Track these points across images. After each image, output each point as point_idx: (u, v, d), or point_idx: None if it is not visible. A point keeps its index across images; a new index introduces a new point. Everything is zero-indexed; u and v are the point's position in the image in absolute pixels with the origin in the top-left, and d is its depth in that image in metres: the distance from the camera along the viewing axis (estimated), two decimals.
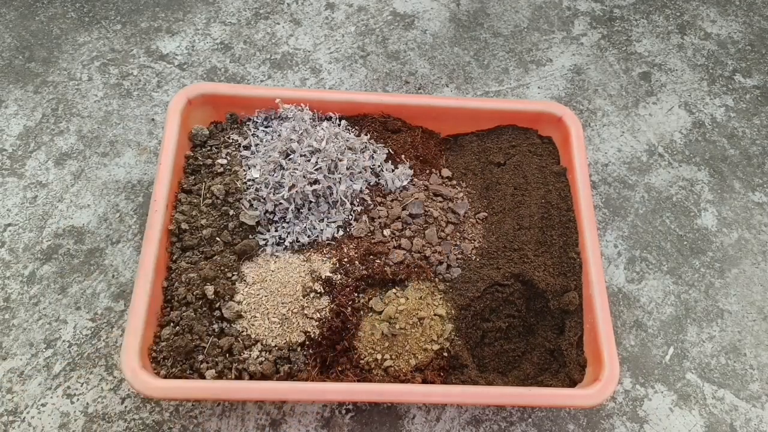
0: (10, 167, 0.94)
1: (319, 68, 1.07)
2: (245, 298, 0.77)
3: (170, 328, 0.74)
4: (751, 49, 1.16)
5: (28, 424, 0.76)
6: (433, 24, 1.15)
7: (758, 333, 0.90)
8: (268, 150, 0.84)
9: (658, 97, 1.10)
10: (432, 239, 0.82)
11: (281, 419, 0.79)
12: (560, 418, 0.82)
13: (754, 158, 1.04)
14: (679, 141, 1.05)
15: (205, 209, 0.81)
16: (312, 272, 0.78)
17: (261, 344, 0.75)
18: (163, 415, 0.78)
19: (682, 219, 0.98)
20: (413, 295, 0.78)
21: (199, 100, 0.87)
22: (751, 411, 0.84)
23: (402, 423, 0.80)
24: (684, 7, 1.21)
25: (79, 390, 0.79)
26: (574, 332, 0.79)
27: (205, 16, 1.11)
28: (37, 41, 1.06)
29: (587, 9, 1.19)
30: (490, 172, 0.91)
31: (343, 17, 1.14)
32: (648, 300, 0.91)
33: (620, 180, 1.01)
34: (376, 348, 0.75)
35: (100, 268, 0.87)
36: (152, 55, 1.06)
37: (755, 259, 0.95)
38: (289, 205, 0.81)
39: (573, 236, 0.84)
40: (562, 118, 0.90)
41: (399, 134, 0.91)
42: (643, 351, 0.87)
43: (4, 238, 0.88)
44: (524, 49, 1.13)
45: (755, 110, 1.09)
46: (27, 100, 1.00)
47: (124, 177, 0.94)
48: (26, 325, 0.82)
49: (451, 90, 1.07)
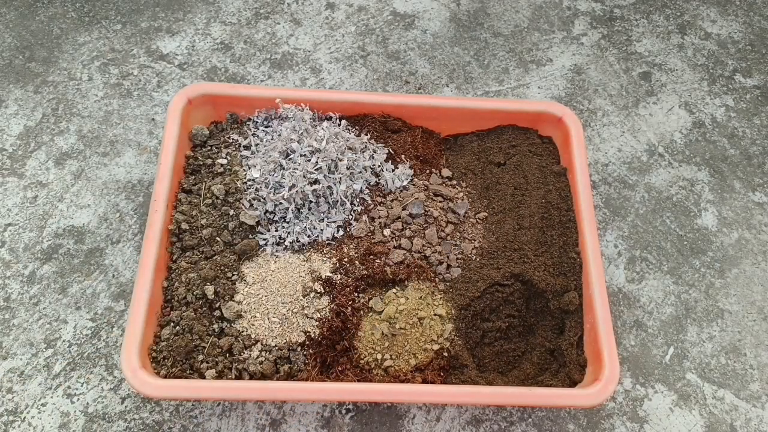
0: (10, 167, 0.94)
1: (320, 68, 1.07)
2: (245, 298, 0.77)
3: (170, 328, 0.74)
4: (751, 49, 1.16)
5: (28, 423, 0.77)
6: (434, 24, 1.15)
7: (758, 333, 0.90)
8: (269, 150, 0.84)
9: (658, 97, 1.10)
10: (432, 239, 0.82)
11: (281, 419, 0.79)
12: (560, 418, 0.82)
13: (754, 158, 1.04)
14: (680, 141, 1.05)
15: (205, 209, 0.81)
16: (312, 272, 0.78)
17: (261, 344, 0.75)
18: (163, 415, 0.78)
19: (683, 219, 0.98)
20: (413, 295, 0.78)
21: (200, 100, 0.87)
22: (751, 411, 0.84)
23: (402, 423, 0.80)
24: (684, 6, 1.21)
25: (79, 390, 0.79)
26: (574, 332, 0.79)
27: (206, 16, 1.11)
28: (37, 41, 1.06)
29: (587, 9, 1.19)
30: (491, 172, 0.91)
31: (343, 17, 1.14)
32: (648, 300, 0.91)
33: (620, 180, 1.01)
34: (376, 348, 0.75)
35: (101, 267, 0.87)
36: (152, 55, 1.06)
37: (755, 259, 0.95)
38: (289, 205, 0.81)
39: (573, 236, 0.84)
40: (562, 118, 0.90)
41: (399, 134, 0.91)
42: (643, 351, 0.87)
43: (5, 238, 0.88)
44: (524, 49, 1.13)
45: (755, 110, 1.09)
46: (27, 99, 1.00)
47: (125, 177, 0.94)
48: (26, 324, 0.82)
49: (452, 90, 1.07)
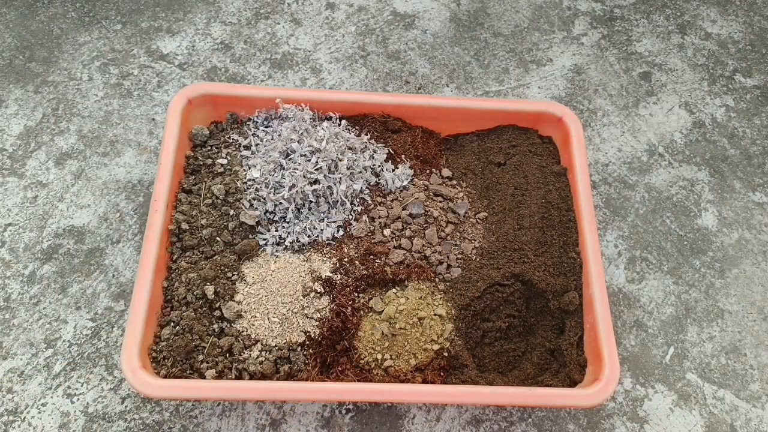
0: (10, 167, 0.94)
1: (320, 68, 1.07)
2: (245, 297, 0.77)
3: (170, 328, 0.74)
4: (751, 49, 1.16)
5: (28, 423, 0.77)
6: (434, 24, 1.15)
7: (758, 333, 0.89)
8: (269, 150, 0.84)
9: (658, 97, 1.10)
10: (432, 239, 0.82)
11: (281, 419, 0.79)
12: (560, 418, 0.82)
13: (754, 158, 1.04)
14: (680, 141, 1.05)
15: (205, 209, 0.81)
16: (312, 272, 0.78)
17: (261, 344, 0.75)
18: (163, 415, 0.78)
19: (683, 219, 0.98)
20: (413, 295, 0.78)
21: (200, 100, 0.87)
22: (751, 411, 0.84)
23: (402, 423, 0.80)
24: (684, 6, 1.21)
25: (79, 390, 0.79)
26: (574, 332, 0.79)
27: (206, 16, 1.11)
28: (37, 41, 1.06)
29: (587, 9, 1.19)
30: (491, 172, 0.91)
31: (343, 17, 1.14)
32: (648, 300, 0.91)
33: (620, 180, 1.01)
34: (376, 348, 0.75)
35: (101, 267, 0.87)
36: (152, 55, 1.06)
37: (755, 259, 0.95)
38: (289, 205, 0.81)
39: (573, 236, 0.84)
40: (562, 118, 0.90)
41: (399, 134, 0.91)
42: (643, 351, 0.87)
43: (5, 238, 0.88)
44: (524, 49, 1.13)
45: (755, 110, 1.09)
46: (27, 99, 1.00)
47: (125, 177, 0.94)
48: (26, 324, 0.82)
49: (452, 90, 1.07)
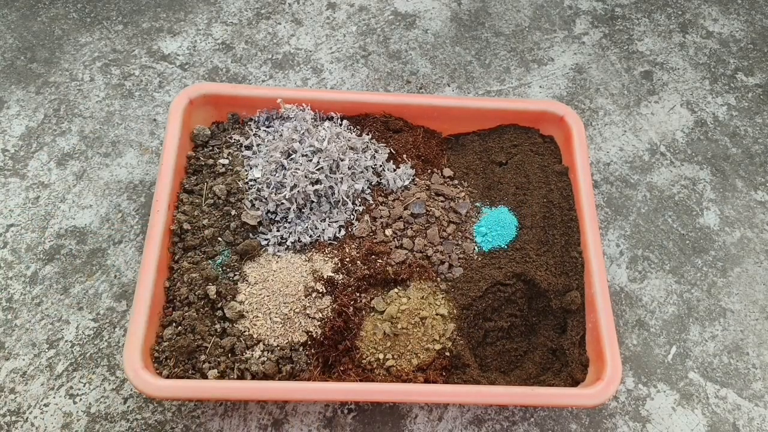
0: (12, 168, 0.94)
1: (321, 68, 1.07)
2: (247, 298, 0.77)
3: (172, 328, 0.74)
4: (753, 48, 1.16)
5: (30, 424, 0.77)
6: (435, 23, 1.15)
7: (761, 332, 0.89)
8: (270, 150, 0.84)
9: (660, 95, 1.09)
10: (434, 239, 0.82)
11: (283, 419, 0.79)
12: (562, 417, 0.82)
13: (756, 157, 1.04)
14: (681, 140, 1.05)
15: (206, 209, 0.81)
16: (314, 272, 0.78)
17: (263, 344, 0.75)
18: (165, 415, 0.78)
19: (685, 218, 0.98)
20: (415, 295, 0.78)
21: (201, 100, 0.87)
22: (753, 410, 0.84)
23: (404, 422, 0.80)
24: (686, 5, 1.20)
25: (81, 390, 0.79)
26: (576, 332, 0.79)
27: (207, 17, 1.11)
28: (38, 42, 1.06)
29: (589, 8, 1.19)
30: (492, 172, 0.91)
31: (344, 17, 1.14)
32: (650, 299, 0.91)
33: (622, 179, 1.01)
34: (378, 348, 0.75)
35: (103, 268, 0.87)
36: (154, 56, 1.06)
37: (758, 258, 0.95)
38: (290, 205, 0.81)
39: (575, 235, 0.84)
40: (563, 117, 0.90)
41: (400, 134, 0.91)
42: (645, 350, 0.87)
43: (7, 239, 0.88)
44: (526, 49, 1.13)
45: (757, 109, 1.09)
46: (29, 100, 1.00)
47: (126, 177, 0.95)
48: (29, 325, 0.83)
49: (453, 89, 1.07)
